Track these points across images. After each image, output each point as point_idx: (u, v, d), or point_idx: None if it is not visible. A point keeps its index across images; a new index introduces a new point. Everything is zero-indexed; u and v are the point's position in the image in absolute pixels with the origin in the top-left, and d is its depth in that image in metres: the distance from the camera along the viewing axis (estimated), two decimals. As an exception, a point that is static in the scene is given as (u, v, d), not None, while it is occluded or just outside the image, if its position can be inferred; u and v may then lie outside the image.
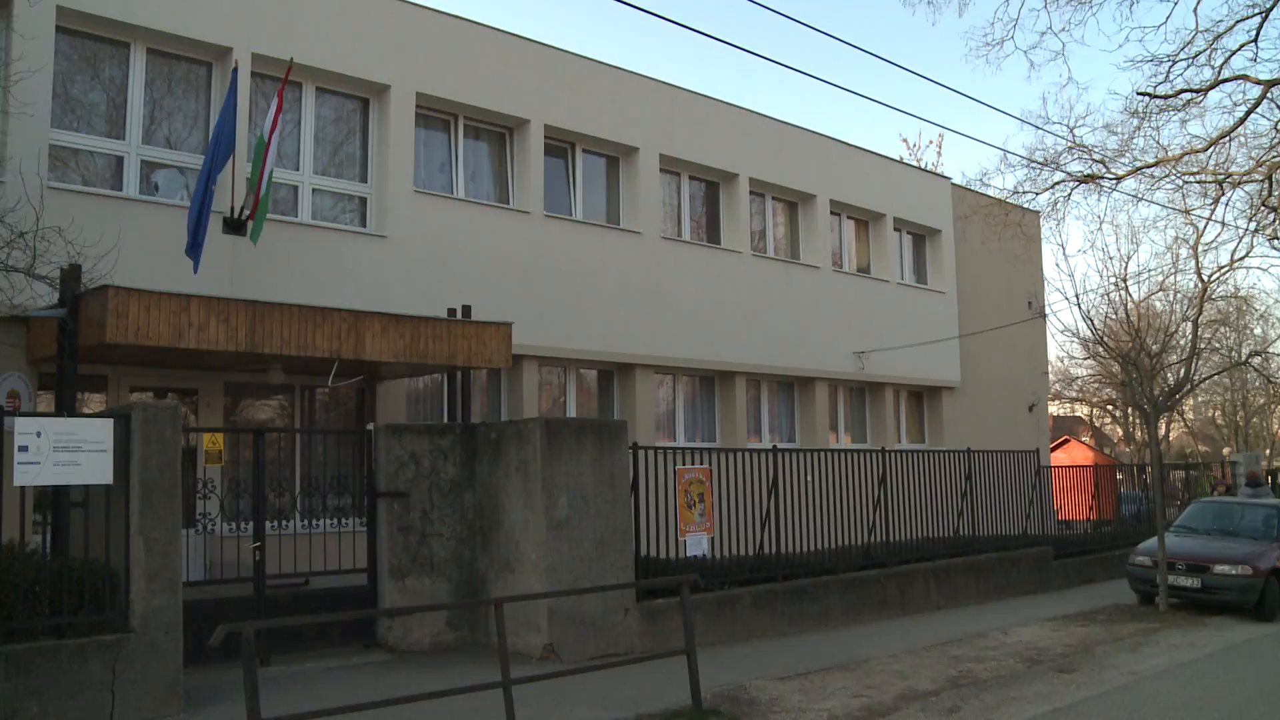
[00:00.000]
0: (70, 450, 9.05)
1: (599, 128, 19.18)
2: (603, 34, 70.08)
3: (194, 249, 12.88)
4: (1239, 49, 17.67)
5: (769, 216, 22.89)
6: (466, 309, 14.94)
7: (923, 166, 37.12)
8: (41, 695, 8.68)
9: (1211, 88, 18.00)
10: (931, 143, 67.87)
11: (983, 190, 24.22)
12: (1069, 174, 19.72)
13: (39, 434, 8.93)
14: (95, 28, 14.04)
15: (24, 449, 8.84)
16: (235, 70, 14.06)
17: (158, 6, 14.21)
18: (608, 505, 12.19)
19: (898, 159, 32.60)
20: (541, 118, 18.21)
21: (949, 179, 27.70)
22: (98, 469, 9.24)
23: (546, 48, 18.57)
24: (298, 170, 15.60)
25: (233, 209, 13.97)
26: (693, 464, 13.74)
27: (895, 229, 25.52)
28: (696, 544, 13.34)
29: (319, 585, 12.00)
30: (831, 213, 23.86)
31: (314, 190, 15.83)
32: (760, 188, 22.33)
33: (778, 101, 75.05)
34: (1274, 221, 19.77)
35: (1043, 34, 29.75)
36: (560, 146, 19.06)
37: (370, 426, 12.84)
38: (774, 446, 15.38)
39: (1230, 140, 18.93)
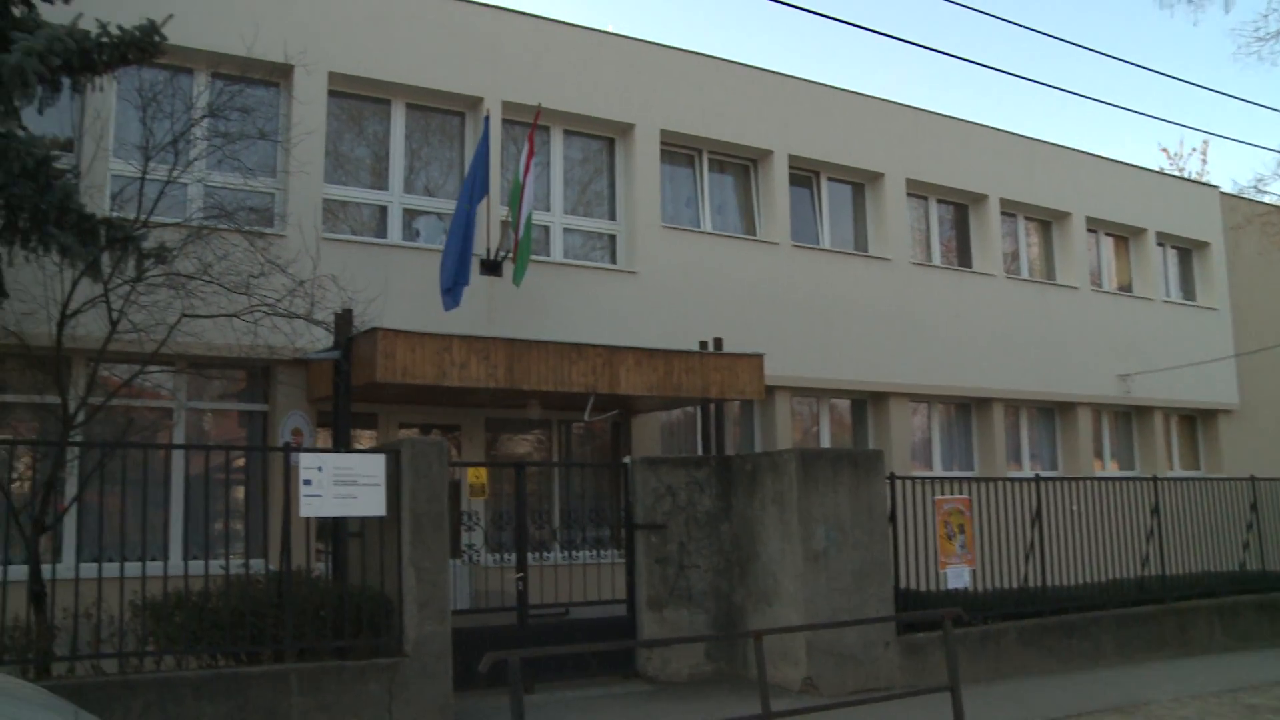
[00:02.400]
0: (348, 484, 9.54)
1: (843, 155, 19.00)
2: (840, 60, 69.67)
3: (450, 290, 13.38)
4: None
5: (1021, 237, 22.13)
6: (718, 341, 15.00)
7: (1186, 176, 35.20)
8: (329, 711, 9.17)
9: None
10: (1195, 150, 64.20)
11: (1258, 197, 22.72)
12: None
13: (320, 468, 9.46)
14: (360, 88, 14.92)
15: (308, 482, 9.38)
16: (487, 118, 14.63)
17: (415, 64, 14.98)
18: (865, 536, 11.96)
19: (1158, 170, 31.02)
20: (785, 148, 18.19)
21: (1217, 188, 26.11)
22: (373, 501, 9.70)
23: (787, 78, 18.57)
24: (549, 210, 16.07)
25: (489, 251, 14.50)
26: (951, 494, 13.33)
27: (1158, 244, 24.19)
28: (958, 576, 12.91)
29: (578, 615, 12.18)
30: (1088, 230, 22.86)
31: (565, 229, 16.28)
32: (1011, 208, 21.62)
33: (1024, 118, 72.85)
34: None
35: (1321, 27, 27.77)
36: (805, 175, 18.97)
37: (627, 460, 13.02)
38: (1036, 475, 14.78)
39: None
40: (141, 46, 10.19)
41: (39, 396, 11.81)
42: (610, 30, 17.11)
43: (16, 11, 9.97)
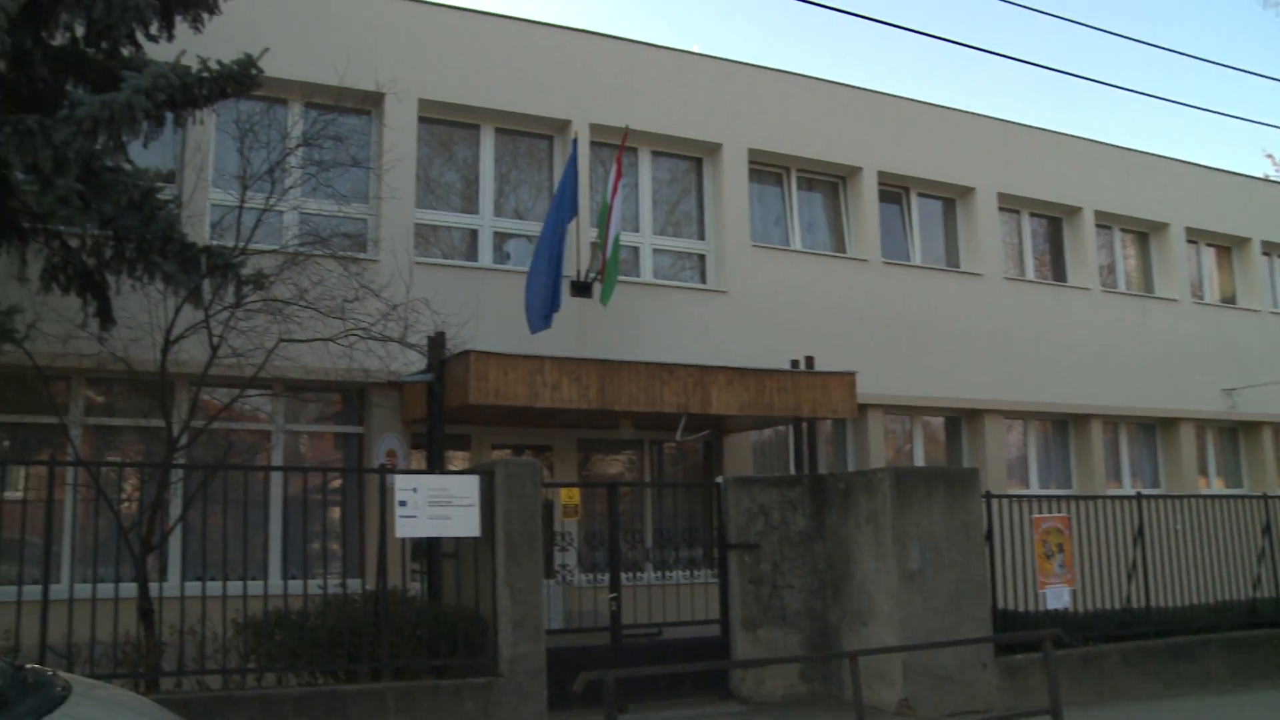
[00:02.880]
0: (442, 505, 9.66)
1: (933, 170, 18.84)
2: (925, 75, 69.03)
3: (539, 311, 13.49)
4: None
5: (1118, 249, 21.69)
6: (810, 360, 14.93)
7: (1291, 185, 34.21)
8: (425, 732, 9.26)
9: None
10: (1302, 156, 62.44)
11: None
12: None
13: (415, 490, 9.60)
14: (450, 114, 15.16)
15: (403, 503, 9.52)
16: (575, 141, 14.76)
17: (504, 89, 15.18)
18: (961, 556, 11.78)
19: (1262, 177, 30.20)
20: (874, 164, 18.08)
21: (1324, 195, 25.35)
22: (467, 522, 9.80)
23: (874, 94, 18.48)
24: (637, 231, 16.15)
25: (578, 272, 14.61)
26: (1049, 512, 13.08)
27: (1264, 253, 23.51)
28: (1057, 596, 12.64)
29: (671, 635, 12.15)
30: (1188, 241, 22.33)
31: (654, 250, 16.34)
32: (1106, 220, 21.20)
33: (1119, 128, 71.51)
34: None
35: None
36: (894, 192, 18.83)
37: (719, 479, 12.99)
38: (1138, 493, 14.44)
39: None
40: (239, 80, 10.47)
41: (145, 420, 12.15)
42: (696, 51, 17.18)
43: (126, 52, 10.33)
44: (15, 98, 9.89)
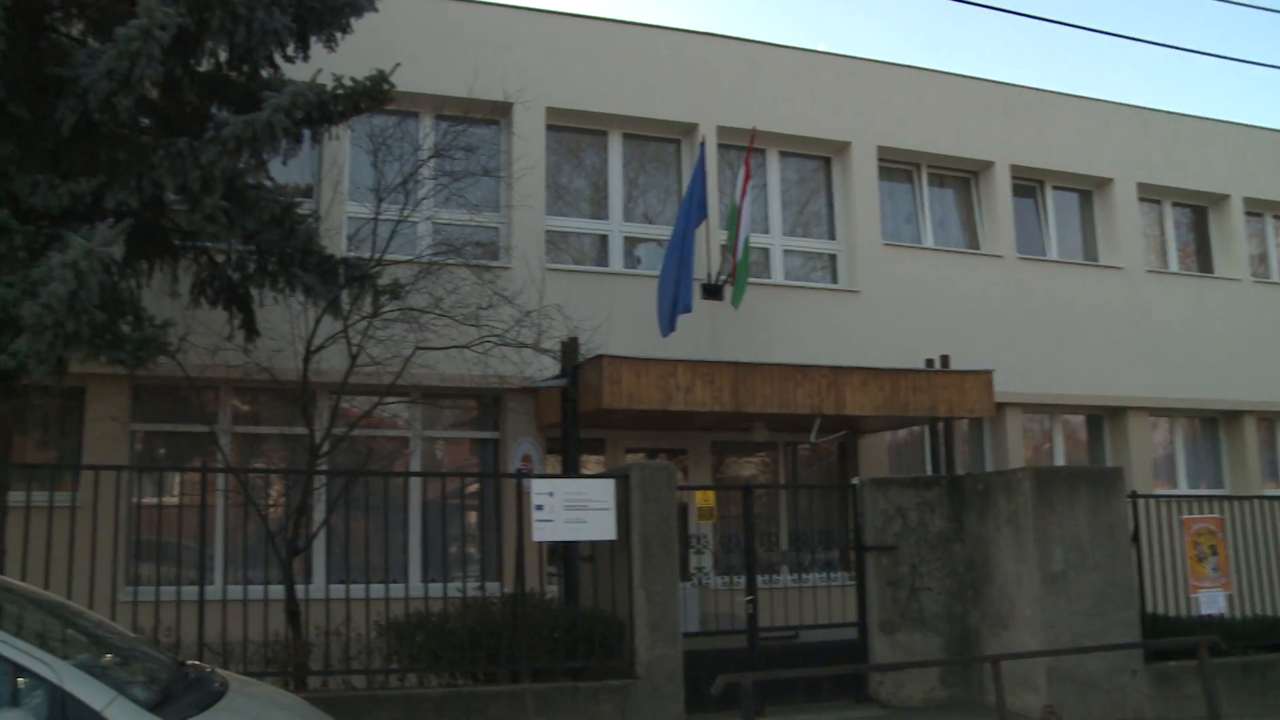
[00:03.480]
0: (578, 508, 9.75)
1: (1068, 162, 18.35)
2: (1056, 64, 67.26)
3: (669, 315, 13.52)
4: None
5: (1270, 237, 20.80)
6: (945, 359, 14.69)
7: None
8: (564, 732, 9.36)
9: None
10: None
11: None
12: None
13: (552, 494, 9.71)
14: (577, 121, 15.32)
15: (540, 508, 9.63)
16: (702, 144, 14.77)
17: (630, 95, 15.29)
18: (1106, 558, 11.45)
19: None
20: (1006, 158, 17.70)
21: None
22: (603, 525, 9.87)
23: (1004, 86, 18.08)
24: (767, 233, 16.09)
25: (709, 275, 14.61)
26: (1200, 513, 12.63)
27: None
28: (1211, 601, 12.17)
29: (808, 639, 12.06)
30: (1349, 227, 21.33)
31: (784, 251, 16.26)
32: (1257, 207, 20.36)
33: (1270, 111, 68.71)
34: None
35: None
36: (1028, 185, 18.41)
37: (855, 480, 12.86)
38: (1296, 490, 13.85)
39: None
40: (372, 95, 10.74)
41: (288, 428, 12.55)
42: (822, 49, 17.05)
43: (265, 73, 10.68)
44: (166, 122, 10.30)
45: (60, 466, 11.98)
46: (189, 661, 6.15)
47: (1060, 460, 17.83)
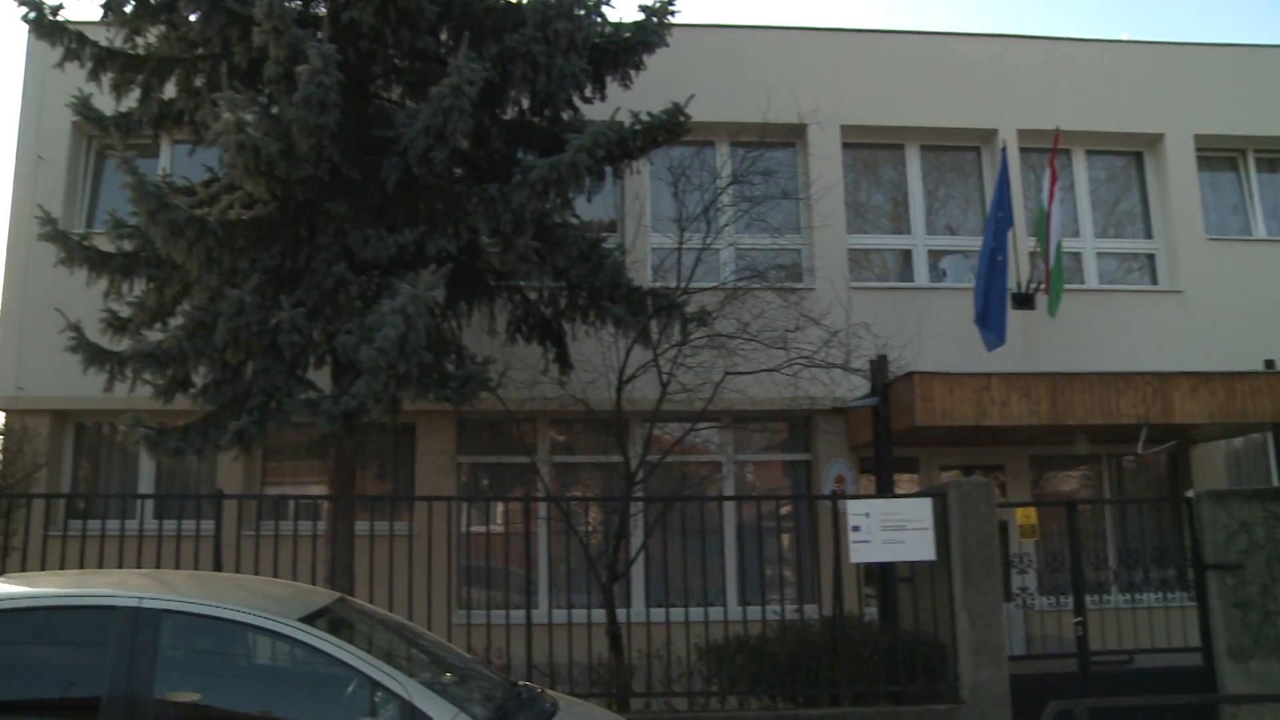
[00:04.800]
0: (895, 529, 9.59)
1: None
2: None
3: (990, 327, 13.13)
4: None
5: None
6: (1286, 358, 13.60)
7: None
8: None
9: None
10: None
11: None
12: None
13: (868, 514, 9.59)
14: (873, 137, 15.18)
15: (856, 529, 9.54)
16: (1004, 150, 14.30)
17: (925, 106, 15.01)
18: None
19: None
20: (1349, 134, 16.21)
21: None
22: (921, 546, 9.67)
23: (1342, 56, 16.58)
24: (1077, 236, 15.38)
25: (1019, 284, 14.10)
26: None
27: None
28: None
29: (1144, 664, 11.36)
30: None
31: (1096, 254, 15.49)
32: None
33: None
34: None
35: None
36: (1376, 165, 16.80)
37: (1189, 494, 12.05)
38: None
39: None
40: (669, 128, 11.02)
41: (603, 456, 12.97)
42: (1125, 39, 16.20)
43: (565, 116, 11.15)
44: (477, 170, 10.91)
45: (397, 498, 12.80)
46: (520, 682, 6.42)
47: None
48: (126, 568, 9.63)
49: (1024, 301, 14.07)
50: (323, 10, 10.66)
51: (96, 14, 10.74)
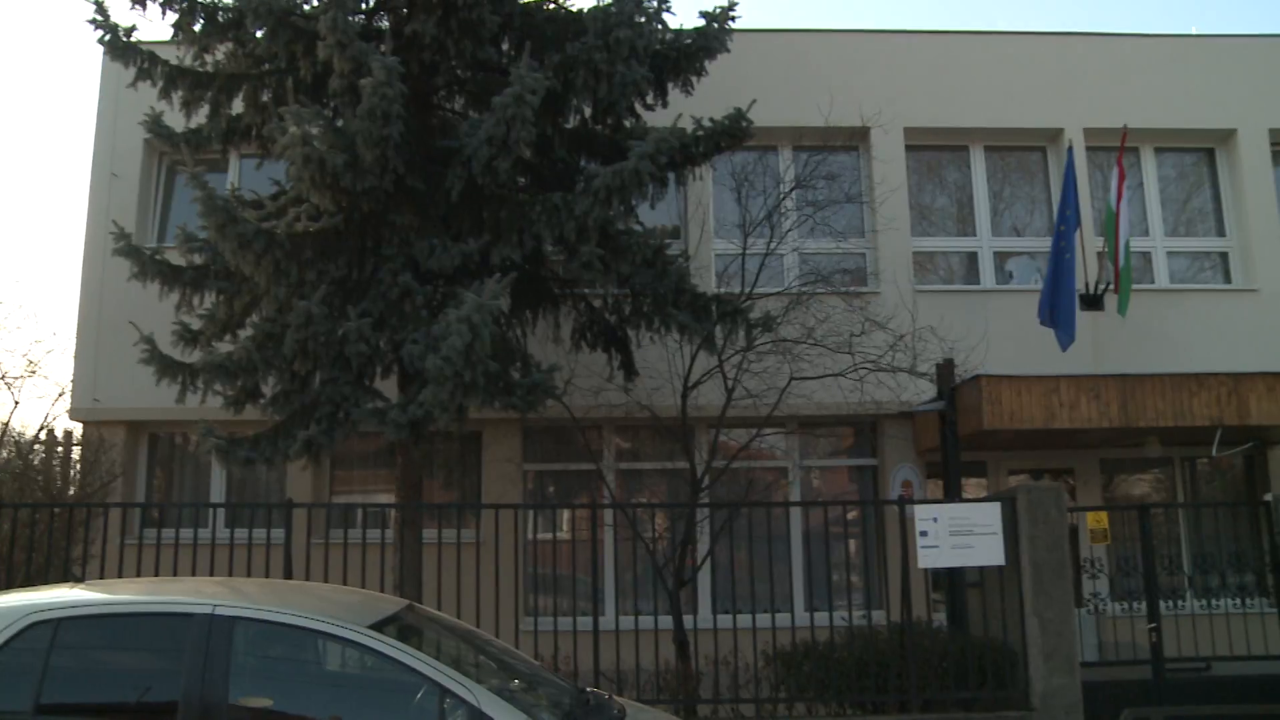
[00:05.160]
0: (964, 534, 9.50)
1: None
2: None
3: (1060, 329, 12.96)
4: None
5: None
6: (1369, 356, 13.29)
7: None
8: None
9: None
10: None
11: None
12: None
13: (935, 519, 9.52)
14: (937, 139, 15.03)
15: (924, 534, 9.46)
16: (1070, 149, 14.11)
17: (989, 106, 14.87)
18: None
19: None
20: None
21: None
22: (990, 551, 9.57)
23: None
24: (1147, 235, 15.13)
25: (1087, 285, 13.91)
26: None
27: None
28: None
29: (1222, 672, 11.13)
30: None
31: (1167, 252, 15.23)
32: None
33: None
34: None
35: None
36: None
37: (1268, 497, 11.81)
38: None
39: None
40: (732, 134, 11.01)
41: (669, 463, 12.97)
42: (1194, 33, 15.92)
43: (627, 123, 11.19)
44: (540, 179, 10.98)
45: (464, 506, 12.90)
46: (588, 688, 6.45)
47: None
48: (199, 576, 9.80)
49: (1092, 302, 13.86)
50: (386, 23, 10.80)
51: (167, 34, 10.94)
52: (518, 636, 9.69)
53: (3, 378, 29.73)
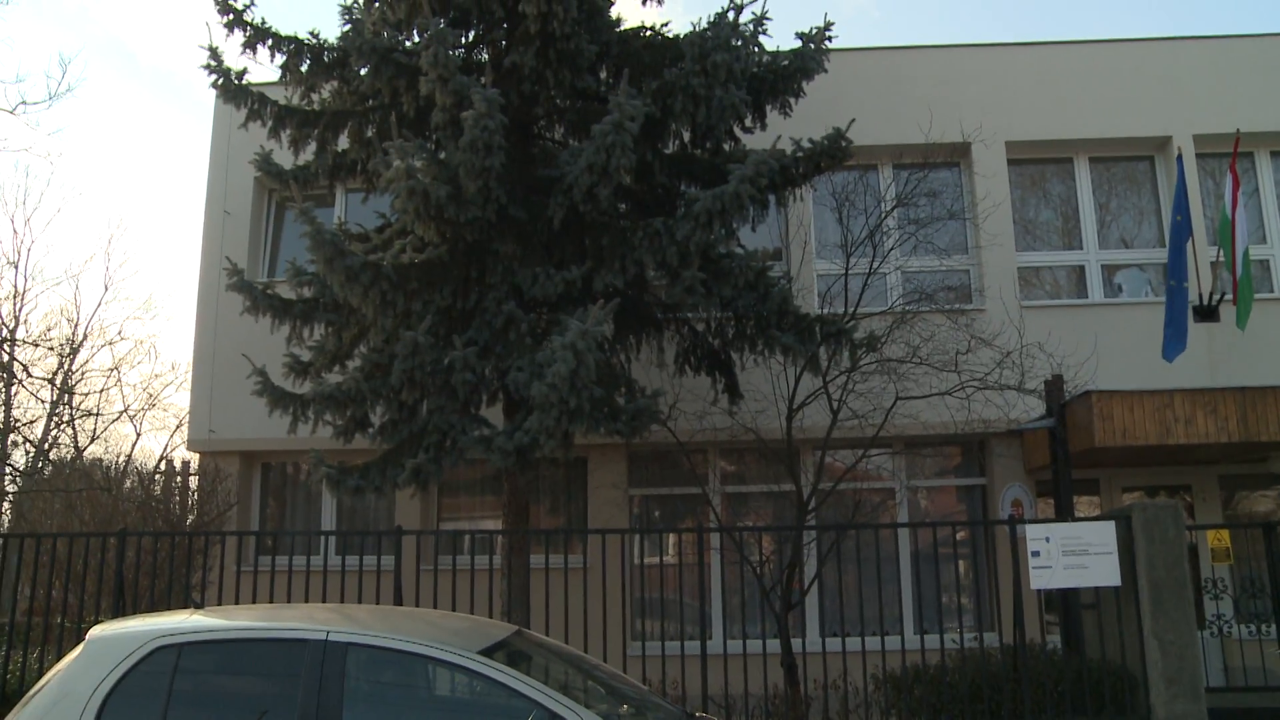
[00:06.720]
0: (1077, 554, 9.28)
1: None
2: None
3: (1171, 341, 12.63)
4: None
5: None
6: None
7: None
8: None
9: None
10: None
11: None
12: None
13: (1048, 539, 9.31)
14: (1039, 152, 14.80)
15: (1036, 554, 9.26)
16: (1180, 157, 13.77)
17: (1093, 116, 14.59)
18: None
19: None
20: None
21: None
22: (1105, 571, 9.33)
23: None
24: (1264, 243, 14.70)
25: (1201, 296, 13.54)
26: None
27: None
28: None
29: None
30: None
31: (1287, 261, 14.79)
32: None
33: None
34: None
35: None
36: None
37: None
38: None
39: None
40: (831, 154, 10.97)
41: (774, 486, 12.90)
42: (1309, 33, 15.44)
43: (726, 147, 11.22)
44: (640, 205, 11.05)
45: (570, 531, 12.97)
46: (696, 713, 6.43)
47: None
48: (312, 602, 9.99)
49: (1207, 314, 13.47)
50: (485, 56, 10.99)
51: (275, 75, 11.26)
52: (625, 661, 9.71)
53: (125, 410, 30.72)
